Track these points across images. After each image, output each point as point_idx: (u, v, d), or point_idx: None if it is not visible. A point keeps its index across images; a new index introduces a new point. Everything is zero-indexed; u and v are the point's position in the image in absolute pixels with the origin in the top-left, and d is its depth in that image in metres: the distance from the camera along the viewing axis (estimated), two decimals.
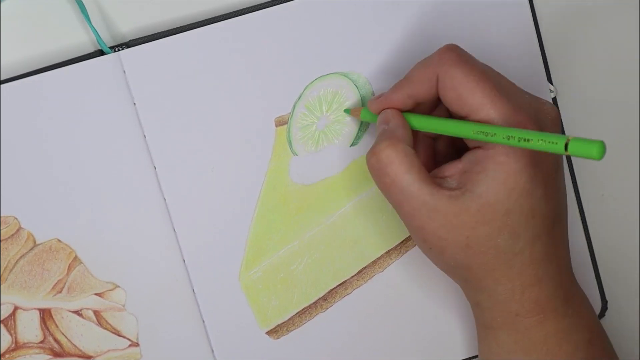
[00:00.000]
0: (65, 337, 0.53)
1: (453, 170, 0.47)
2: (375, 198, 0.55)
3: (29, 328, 0.52)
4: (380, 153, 0.47)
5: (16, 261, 0.52)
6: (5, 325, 0.52)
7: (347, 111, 0.54)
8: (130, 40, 0.52)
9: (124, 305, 0.53)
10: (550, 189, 0.47)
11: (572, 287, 0.50)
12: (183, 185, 0.53)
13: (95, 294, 0.53)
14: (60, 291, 0.53)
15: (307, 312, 0.55)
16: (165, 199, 0.53)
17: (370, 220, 0.55)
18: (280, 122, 0.54)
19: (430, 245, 0.47)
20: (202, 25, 0.52)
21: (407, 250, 0.56)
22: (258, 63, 0.53)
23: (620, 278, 0.58)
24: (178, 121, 0.53)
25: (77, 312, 0.53)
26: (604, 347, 0.51)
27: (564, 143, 0.40)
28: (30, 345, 0.53)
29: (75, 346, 0.53)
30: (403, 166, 0.46)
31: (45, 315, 0.52)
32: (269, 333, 0.55)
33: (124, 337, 0.53)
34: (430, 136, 0.52)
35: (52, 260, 0.52)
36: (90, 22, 0.52)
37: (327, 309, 0.55)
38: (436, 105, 0.50)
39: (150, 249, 0.53)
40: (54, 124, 0.52)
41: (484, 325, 0.50)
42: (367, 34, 0.54)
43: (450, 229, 0.46)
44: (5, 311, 0.52)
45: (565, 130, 0.57)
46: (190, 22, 0.53)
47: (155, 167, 0.53)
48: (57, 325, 0.53)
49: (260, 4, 0.53)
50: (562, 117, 0.56)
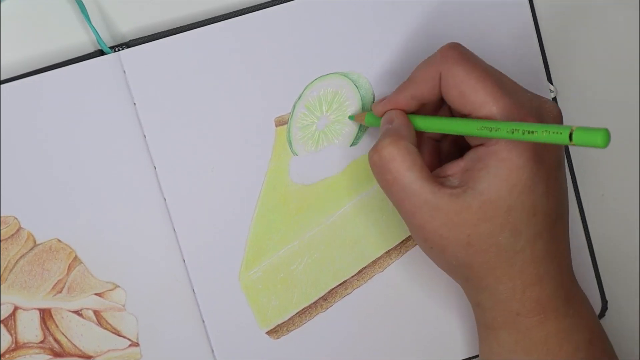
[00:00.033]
0: (65, 337, 0.53)
1: (455, 169, 0.47)
2: (375, 198, 0.55)
3: (29, 328, 0.52)
4: (382, 150, 0.47)
5: (16, 261, 0.52)
6: (5, 325, 0.52)
7: (352, 117, 0.54)
8: (130, 40, 0.52)
9: (124, 305, 0.53)
10: (552, 186, 0.47)
11: (573, 287, 0.50)
12: (183, 185, 0.53)
13: (95, 294, 0.53)
14: (60, 291, 0.53)
15: (307, 312, 0.55)
16: (165, 199, 0.53)
17: (370, 220, 0.55)
18: (280, 122, 0.54)
19: (432, 244, 0.47)
20: (202, 25, 0.52)
21: (407, 250, 0.56)
22: (258, 63, 0.53)
23: (620, 278, 0.58)
24: (178, 121, 0.53)
25: (77, 312, 0.53)
26: (604, 348, 0.51)
27: (569, 133, 0.40)
28: (30, 345, 0.53)
29: (75, 346, 0.53)
30: (405, 163, 0.46)
31: (45, 315, 0.52)
32: (269, 333, 0.55)
33: (124, 337, 0.53)
34: (434, 138, 0.52)
35: (52, 260, 0.52)
36: (90, 22, 0.52)
37: (327, 309, 0.55)
38: (439, 107, 0.50)
39: (150, 249, 0.53)
40: (54, 124, 0.52)
41: (485, 325, 0.50)
42: (367, 34, 0.54)
43: (452, 227, 0.46)
44: (5, 311, 0.52)
45: None
46: (190, 22, 0.53)
47: (155, 167, 0.53)
48: (57, 325, 0.53)
49: (260, 4, 0.53)
50: (562, 117, 0.56)
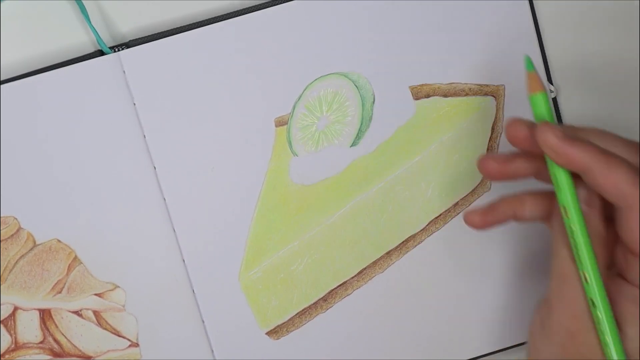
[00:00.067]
0: (65, 338, 0.53)
1: None
2: (375, 198, 0.55)
3: (29, 328, 0.52)
4: None
5: (16, 261, 0.52)
6: (5, 326, 0.52)
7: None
8: (130, 40, 0.52)
9: (123, 306, 0.53)
10: None
11: None
12: (183, 185, 0.53)
13: (95, 294, 0.53)
14: (60, 291, 0.53)
15: (307, 313, 0.55)
16: (165, 199, 0.53)
17: (370, 220, 0.55)
18: (280, 123, 0.54)
19: None
20: (202, 25, 0.52)
21: (408, 251, 0.56)
22: (258, 63, 0.53)
23: None
24: (178, 121, 0.53)
25: (77, 313, 0.53)
26: None
27: None
28: (30, 345, 0.53)
29: (75, 346, 0.53)
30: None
31: (45, 315, 0.52)
32: (269, 333, 0.55)
33: (123, 338, 0.53)
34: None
35: (52, 261, 0.52)
36: (90, 22, 0.52)
37: (327, 309, 0.55)
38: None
39: (150, 249, 0.53)
40: (54, 124, 0.52)
41: None
42: (367, 34, 0.54)
43: None
44: (5, 311, 0.52)
45: None
46: (190, 22, 0.53)
47: (155, 167, 0.53)
48: (57, 326, 0.53)
49: (260, 4, 0.53)
50: (562, 117, 0.56)
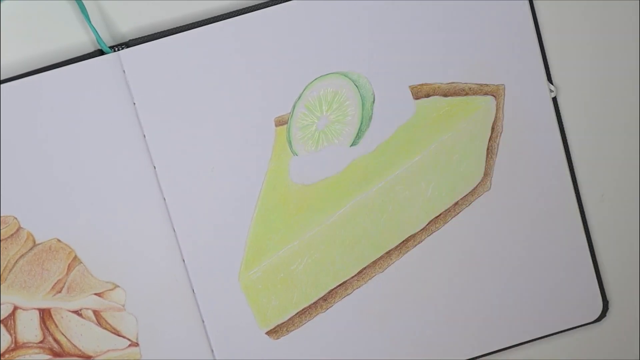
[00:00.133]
0: (65, 337, 0.53)
1: None
2: (375, 198, 0.55)
3: (29, 328, 0.52)
4: None
5: (16, 261, 0.52)
6: (5, 325, 0.52)
7: None
8: (130, 40, 0.52)
9: (123, 305, 0.53)
10: None
11: None
12: (183, 185, 0.53)
13: (95, 294, 0.53)
14: (60, 291, 0.53)
15: (307, 313, 0.55)
16: (165, 199, 0.53)
17: (370, 220, 0.55)
18: (280, 122, 0.54)
19: None
20: (202, 25, 0.52)
21: (408, 251, 0.56)
22: (258, 63, 0.53)
23: (620, 278, 0.58)
24: (178, 121, 0.53)
25: (77, 312, 0.53)
26: None
27: None
28: (30, 345, 0.53)
29: (75, 346, 0.53)
30: None
31: (45, 315, 0.52)
32: (268, 333, 0.55)
33: (123, 337, 0.53)
34: None
35: (52, 260, 0.52)
36: (90, 22, 0.52)
37: (327, 309, 0.55)
38: None
39: (150, 249, 0.53)
40: (54, 124, 0.52)
41: None
42: (367, 34, 0.54)
43: None
44: (5, 311, 0.52)
45: (564, 129, 0.57)
46: (190, 22, 0.53)
47: (155, 167, 0.53)
48: (57, 325, 0.53)
49: (260, 4, 0.53)
50: (562, 117, 0.56)
